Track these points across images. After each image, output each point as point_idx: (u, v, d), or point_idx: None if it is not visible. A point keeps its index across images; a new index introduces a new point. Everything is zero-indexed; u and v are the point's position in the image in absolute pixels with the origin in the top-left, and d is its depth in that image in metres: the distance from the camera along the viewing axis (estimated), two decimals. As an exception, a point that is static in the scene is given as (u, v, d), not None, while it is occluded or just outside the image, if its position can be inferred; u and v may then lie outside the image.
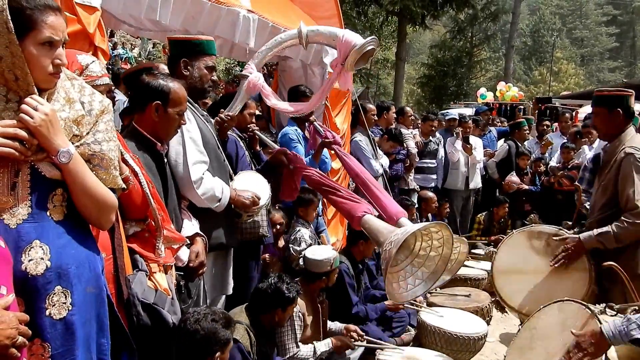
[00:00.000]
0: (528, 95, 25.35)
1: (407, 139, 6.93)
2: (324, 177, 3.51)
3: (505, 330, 5.04)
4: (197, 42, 3.01)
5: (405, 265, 2.89)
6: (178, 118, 2.54)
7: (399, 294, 2.86)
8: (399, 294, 2.85)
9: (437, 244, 2.85)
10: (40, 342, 1.62)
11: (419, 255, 2.88)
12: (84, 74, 2.22)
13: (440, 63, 31.72)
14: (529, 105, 16.56)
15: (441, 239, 2.83)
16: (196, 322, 2.38)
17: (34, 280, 1.60)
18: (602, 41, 46.91)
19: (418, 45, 49.71)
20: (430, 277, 2.86)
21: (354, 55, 3.33)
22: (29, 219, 1.62)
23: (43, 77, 1.63)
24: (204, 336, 2.36)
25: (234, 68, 20.04)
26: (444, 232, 2.78)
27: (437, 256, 2.86)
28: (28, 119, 1.57)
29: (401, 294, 2.87)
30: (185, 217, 2.83)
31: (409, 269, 2.88)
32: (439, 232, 2.80)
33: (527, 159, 7.77)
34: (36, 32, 1.58)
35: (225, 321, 2.47)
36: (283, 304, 3.11)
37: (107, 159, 1.76)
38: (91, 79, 2.22)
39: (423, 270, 2.87)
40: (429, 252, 2.86)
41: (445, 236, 2.79)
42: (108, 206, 1.79)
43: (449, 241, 2.80)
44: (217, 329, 2.40)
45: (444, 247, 2.83)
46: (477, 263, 6.21)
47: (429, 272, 2.86)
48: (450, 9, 23.38)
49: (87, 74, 2.32)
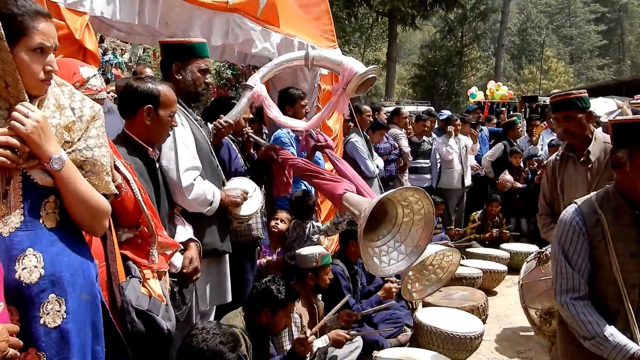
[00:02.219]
0: (519, 93, 25.44)
1: (401, 139, 6.96)
2: (308, 163, 3.56)
3: (501, 329, 5.05)
4: (189, 45, 2.98)
5: (388, 240, 2.87)
6: (170, 120, 2.54)
7: (380, 269, 2.85)
8: (380, 268, 2.84)
9: (418, 217, 2.82)
10: (35, 351, 1.60)
11: (402, 230, 2.86)
12: (84, 86, 2.22)
13: (431, 63, 31.85)
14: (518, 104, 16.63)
15: (422, 209, 2.80)
16: (203, 341, 2.37)
17: (27, 288, 1.59)
18: (591, 39, 47.21)
19: (409, 45, 49.85)
20: (414, 251, 2.84)
21: (356, 81, 3.51)
22: (21, 227, 1.60)
23: (34, 83, 1.62)
24: (208, 358, 2.35)
25: (225, 71, 20.00)
26: (424, 200, 2.75)
27: (419, 229, 2.85)
28: (19, 126, 1.55)
29: (383, 269, 2.85)
30: (178, 223, 2.82)
31: (391, 244, 2.86)
32: (418, 201, 2.76)
33: (519, 157, 7.82)
34: (27, 39, 1.57)
35: (233, 345, 2.45)
36: (272, 305, 3.07)
37: (99, 165, 1.75)
38: (90, 92, 2.23)
39: (406, 244, 2.85)
40: (411, 226, 2.84)
41: (425, 205, 2.77)
42: (101, 212, 1.78)
43: (429, 210, 2.78)
44: (223, 353, 2.38)
45: (425, 218, 2.82)
46: (472, 262, 6.22)
47: (412, 246, 2.84)
48: (440, 8, 23.49)
49: (87, 87, 2.34)
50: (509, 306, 5.69)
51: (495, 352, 4.57)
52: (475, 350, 4.21)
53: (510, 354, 4.53)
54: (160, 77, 3.04)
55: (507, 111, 14.04)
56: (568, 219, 2.37)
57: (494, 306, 5.52)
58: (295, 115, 4.24)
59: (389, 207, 2.79)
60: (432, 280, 3.67)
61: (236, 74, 18.31)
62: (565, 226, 2.37)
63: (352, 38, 27.51)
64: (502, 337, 4.87)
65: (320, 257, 3.69)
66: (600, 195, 2.37)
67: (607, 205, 2.32)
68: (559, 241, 2.39)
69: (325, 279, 3.78)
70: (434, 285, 3.70)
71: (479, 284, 5.62)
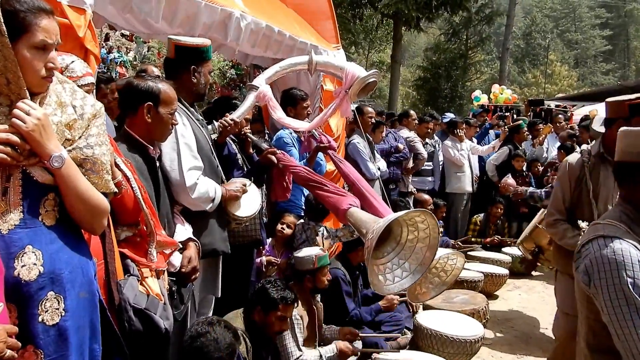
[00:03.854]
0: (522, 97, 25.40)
1: (416, 143, 6.96)
2: (311, 172, 3.52)
3: (501, 333, 5.04)
4: (205, 49, 3.01)
5: (392, 258, 2.87)
6: (170, 118, 2.54)
7: (386, 287, 2.84)
8: (385, 286, 2.83)
9: (423, 235, 2.82)
10: (33, 348, 1.60)
11: (406, 247, 2.86)
12: (64, 74, 2.17)
13: (435, 65, 31.78)
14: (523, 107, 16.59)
15: (427, 228, 2.80)
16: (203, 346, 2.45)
17: (26, 286, 1.59)
18: (596, 44, 47.14)
19: (414, 48, 49.84)
20: (418, 268, 2.84)
21: (357, 85, 3.61)
22: (21, 224, 1.60)
23: (36, 81, 1.62)
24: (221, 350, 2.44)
25: (228, 70, 20.02)
26: (429, 220, 2.75)
27: (424, 247, 2.84)
28: (20, 123, 1.55)
29: (387, 287, 2.84)
30: (178, 222, 2.82)
31: (395, 261, 2.86)
32: (424, 221, 2.76)
33: (522, 161, 7.80)
34: (29, 35, 1.57)
35: (230, 351, 2.51)
36: (264, 304, 3.09)
37: (99, 163, 1.75)
38: (72, 79, 2.16)
39: (410, 262, 2.85)
40: (416, 243, 2.84)
41: (430, 225, 2.77)
42: (101, 211, 1.77)
43: (435, 230, 2.78)
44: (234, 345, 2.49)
45: (430, 237, 2.81)
46: (474, 265, 6.20)
47: (417, 263, 2.83)
48: (445, 11, 23.43)
49: (68, 74, 2.28)
50: (510, 310, 5.68)
51: (496, 356, 4.55)
52: (475, 354, 4.20)
53: (511, 358, 4.52)
54: (165, 75, 3.05)
55: (511, 115, 14.01)
56: (633, 256, 1.86)
57: (495, 310, 5.51)
58: (297, 116, 4.24)
59: (394, 226, 2.79)
60: (435, 284, 3.66)
61: (240, 73, 18.31)
62: (633, 266, 1.84)
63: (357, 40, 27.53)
64: (503, 342, 4.85)
65: (317, 259, 3.68)
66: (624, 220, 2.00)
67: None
68: (632, 283, 1.82)
69: (323, 280, 3.76)
70: (437, 288, 3.68)
71: (480, 287, 5.61)
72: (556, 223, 3.28)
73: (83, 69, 2.43)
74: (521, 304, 5.89)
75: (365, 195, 3.44)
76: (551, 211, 3.33)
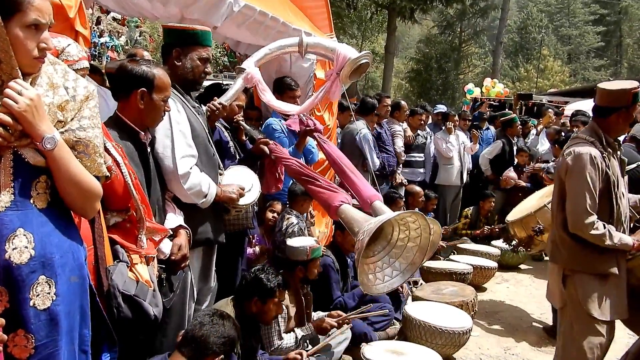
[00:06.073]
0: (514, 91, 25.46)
1: (397, 137, 6.90)
2: (303, 166, 3.49)
3: (489, 325, 5.08)
4: (192, 32, 2.92)
5: (383, 256, 2.86)
6: (163, 105, 2.50)
7: (375, 286, 2.83)
8: (374, 286, 2.82)
9: (414, 235, 2.80)
10: (24, 333, 1.59)
11: (397, 246, 2.84)
12: (60, 58, 2.14)
13: (428, 57, 31.79)
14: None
15: (418, 228, 2.79)
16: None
17: (17, 269, 1.57)
18: (589, 39, 47.22)
19: (407, 39, 49.70)
20: (408, 268, 2.83)
21: (349, 66, 3.52)
22: (11, 206, 1.58)
23: (28, 61, 1.59)
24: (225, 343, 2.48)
25: (220, 58, 19.89)
26: (421, 221, 2.74)
27: (414, 247, 2.82)
28: (12, 103, 1.52)
29: (377, 286, 2.83)
30: (169, 209, 2.78)
31: (386, 260, 2.85)
32: (415, 221, 2.75)
33: (525, 156, 7.84)
34: (22, 15, 1.54)
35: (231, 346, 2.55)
36: (261, 293, 3.07)
37: (92, 146, 1.73)
38: (68, 63, 2.14)
39: (400, 261, 2.83)
40: (407, 242, 2.82)
41: (422, 225, 2.76)
42: (93, 194, 1.75)
43: (426, 230, 2.77)
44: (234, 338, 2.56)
45: (421, 237, 2.80)
46: (463, 257, 6.24)
47: (407, 263, 2.82)
48: (439, 3, 23.40)
49: (64, 58, 2.24)
50: (498, 303, 5.72)
51: (483, 347, 4.59)
52: (463, 345, 4.23)
53: (498, 350, 4.56)
54: (157, 61, 3.00)
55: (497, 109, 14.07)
56: None
57: (483, 302, 5.55)
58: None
59: (385, 225, 2.78)
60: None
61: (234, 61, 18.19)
62: None
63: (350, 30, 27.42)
64: (490, 333, 4.89)
65: (311, 251, 3.68)
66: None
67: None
68: None
69: (314, 272, 3.77)
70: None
71: (469, 279, 5.64)
72: (597, 224, 3.02)
73: (79, 53, 2.40)
74: (509, 297, 5.93)
75: (346, 171, 3.43)
76: (586, 211, 3.01)
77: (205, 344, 2.39)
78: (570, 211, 3.10)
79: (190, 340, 2.41)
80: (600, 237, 3.00)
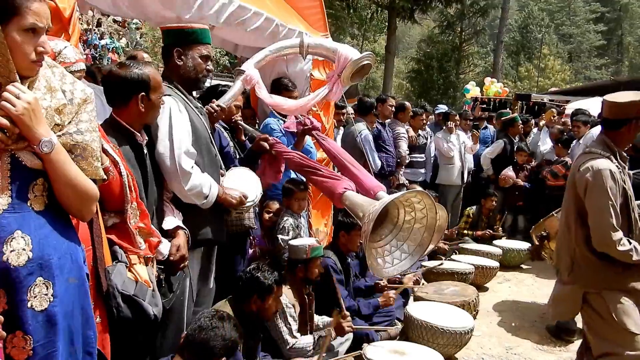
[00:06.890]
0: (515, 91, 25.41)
1: (401, 139, 6.90)
2: (305, 158, 3.49)
3: (491, 325, 5.07)
4: (190, 31, 2.93)
5: (391, 240, 2.84)
6: (160, 100, 2.52)
7: (385, 270, 2.81)
8: (384, 269, 2.80)
9: (420, 215, 2.77)
10: (22, 334, 1.59)
11: (404, 229, 2.82)
12: (56, 60, 2.14)
13: (429, 57, 31.76)
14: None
15: (424, 209, 2.76)
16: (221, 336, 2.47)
17: (15, 271, 1.58)
18: (590, 38, 47.15)
19: (408, 39, 49.67)
20: (417, 250, 2.81)
21: (350, 68, 3.49)
22: (9, 209, 1.58)
23: (25, 64, 1.60)
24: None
25: (221, 58, 19.90)
26: (426, 200, 2.71)
27: (421, 227, 2.80)
28: (10, 107, 1.53)
29: (386, 270, 2.81)
30: (168, 210, 2.78)
31: (394, 243, 2.83)
32: (420, 201, 2.73)
33: (524, 155, 7.81)
34: (20, 18, 1.55)
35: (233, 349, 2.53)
36: (259, 291, 3.06)
37: (89, 150, 1.73)
38: (65, 65, 2.14)
39: (409, 243, 2.81)
40: (413, 224, 2.79)
41: (427, 205, 2.73)
42: (89, 197, 1.76)
43: (432, 210, 2.74)
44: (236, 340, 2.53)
45: (427, 217, 2.78)
46: (465, 257, 6.23)
47: (415, 244, 2.80)
48: (439, 3, 23.40)
49: (61, 60, 2.25)
50: (500, 302, 5.71)
51: (485, 347, 4.58)
52: (465, 345, 4.22)
53: (500, 350, 4.55)
54: (156, 62, 3.00)
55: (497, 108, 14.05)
56: None
57: (485, 302, 5.54)
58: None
59: (390, 208, 2.76)
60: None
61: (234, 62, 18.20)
62: None
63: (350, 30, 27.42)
64: (492, 333, 4.88)
65: (310, 249, 3.68)
66: None
67: None
68: None
69: (314, 272, 3.76)
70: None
71: (471, 279, 5.62)
72: (623, 240, 2.96)
73: (75, 55, 2.41)
74: (511, 296, 5.93)
75: (347, 165, 3.43)
76: (612, 228, 2.95)
77: (206, 349, 2.38)
78: (595, 228, 3.02)
79: (191, 344, 2.41)
80: (628, 252, 2.95)
